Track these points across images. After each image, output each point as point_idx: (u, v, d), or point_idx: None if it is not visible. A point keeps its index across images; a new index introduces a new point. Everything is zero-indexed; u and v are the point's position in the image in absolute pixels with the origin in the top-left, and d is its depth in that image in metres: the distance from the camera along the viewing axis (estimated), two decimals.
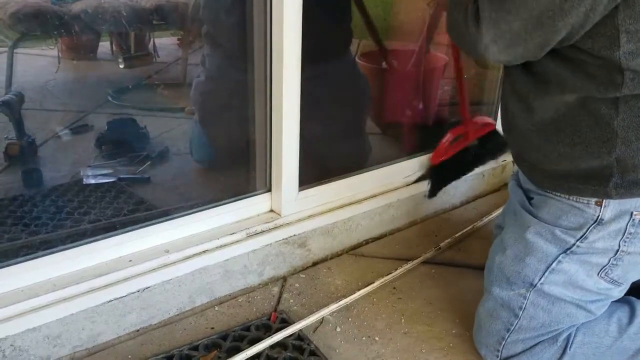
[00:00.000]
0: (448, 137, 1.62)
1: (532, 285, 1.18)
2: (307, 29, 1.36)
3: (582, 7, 0.91)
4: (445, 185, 1.81)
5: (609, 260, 1.13)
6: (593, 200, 1.09)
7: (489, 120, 1.74)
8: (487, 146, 1.74)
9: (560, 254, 1.15)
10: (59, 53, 2.02)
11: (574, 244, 1.13)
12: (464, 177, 1.93)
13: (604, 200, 1.08)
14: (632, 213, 1.08)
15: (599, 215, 1.09)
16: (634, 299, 1.24)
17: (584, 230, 1.12)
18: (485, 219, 1.86)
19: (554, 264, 1.15)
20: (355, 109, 1.96)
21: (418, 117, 2.13)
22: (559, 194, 1.15)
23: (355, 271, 1.60)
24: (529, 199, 1.24)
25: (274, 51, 1.38)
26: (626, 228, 1.09)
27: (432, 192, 1.77)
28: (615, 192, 1.06)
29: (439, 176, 1.74)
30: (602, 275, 1.14)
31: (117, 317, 1.28)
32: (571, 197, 1.13)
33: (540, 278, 1.17)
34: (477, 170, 1.88)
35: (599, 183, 1.07)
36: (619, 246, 1.11)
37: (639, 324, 1.19)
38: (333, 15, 1.78)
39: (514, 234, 1.23)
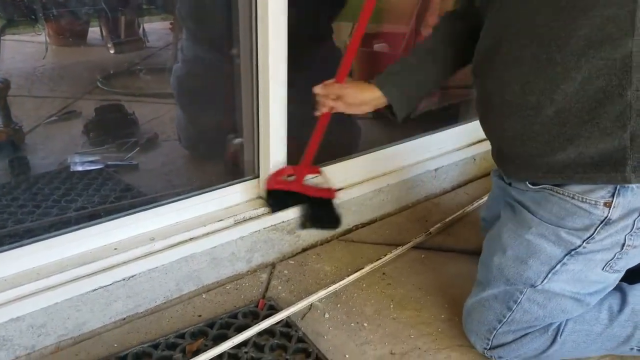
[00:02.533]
0: (281, 171, 1.49)
1: (534, 287, 1.14)
2: (293, 14, 1.34)
3: None
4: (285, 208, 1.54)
5: (614, 255, 1.09)
6: (601, 201, 1.04)
7: (331, 188, 1.55)
8: (318, 211, 1.54)
9: (565, 256, 1.11)
10: (46, 39, 2.00)
11: (580, 245, 1.09)
12: (454, 162, 1.92)
13: (614, 202, 1.03)
14: None
15: (607, 216, 1.04)
16: (625, 285, 1.23)
17: (592, 232, 1.07)
18: (476, 204, 1.85)
19: (558, 266, 1.11)
20: None
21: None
22: (560, 191, 1.08)
23: (344, 257, 1.59)
24: (524, 193, 1.17)
25: (260, 36, 1.36)
26: (634, 224, 1.05)
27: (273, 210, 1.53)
28: (635, 176, 0.99)
29: (278, 199, 1.51)
30: (607, 269, 1.12)
31: (103, 305, 1.28)
32: (576, 197, 1.06)
33: (543, 280, 1.13)
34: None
35: (614, 168, 1.00)
36: (625, 240, 1.07)
37: (629, 311, 1.18)
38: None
39: (514, 234, 1.17)
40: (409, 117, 1.35)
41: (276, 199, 1.49)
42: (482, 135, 1.64)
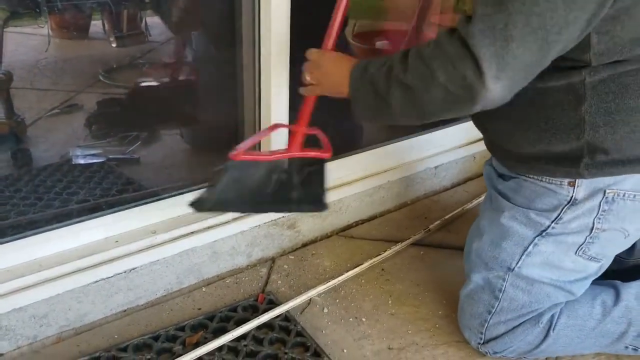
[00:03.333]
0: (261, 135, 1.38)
1: (510, 269, 1.18)
2: (296, 11, 1.34)
3: (585, 14, 0.88)
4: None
5: (585, 239, 1.13)
6: (566, 181, 1.09)
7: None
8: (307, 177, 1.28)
9: (536, 237, 1.15)
10: (49, 31, 2.00)
11: (549, 226, 1.13)
12: (454, 160, 1.92)
13: (577, 181, 1.08)
14: (605, 191, 1.08)
15: (572, 196, 1.10)
16: (619, 282, 1.24)
17: (559, 212, 1.12)
18: (475, 201, 1.86)
19: (530, 247, 1.16)
20: None
21: None
22: (532, 177, 1.14)
23: (344, 253, 1.60)
24: (504, 183, 1.23)
25: (262, 32, 1.37)
26: (600, 206, 1.09)
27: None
28: (588, 172, 1.06)
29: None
30: (580, 253, 1.15)
31: (104, 297, 1.29)
32: (544, 179, 1.12)
33: (518, 262, 1.17)
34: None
35: (570, 164, 1.07)
36: (594, 224, 1.11)
37: (623, 307, 1.19)
38: None
39: (489, 219, 1.23)
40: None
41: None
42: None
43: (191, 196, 1.41)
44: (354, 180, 1.69)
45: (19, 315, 1.18)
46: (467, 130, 1.98)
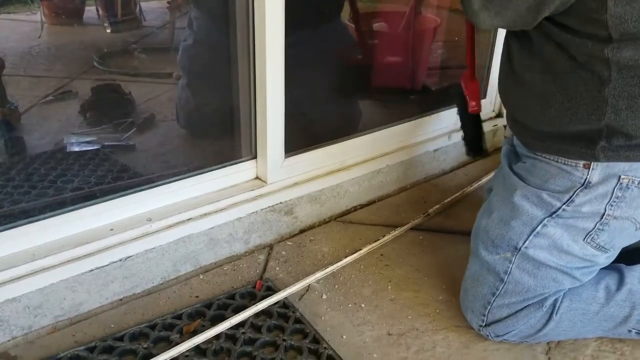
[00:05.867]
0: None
1: (517, 249, 1.17)
2: None
3: None
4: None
5: (595, 225, 1.11)
6: (581, 162, 1.08)
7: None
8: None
9: (545, 218, 1.14)
10: (42, 18, 1.97)
11: (559, 208, 1.12)
12: (454, 143, 1.91)
13: (592, 163, 1.07)
14: (619, 177, 1.06)
15: (586, 179, 1.08)
16: (623, 266, 1.23)
17: (571, 194, 1.10)
18: (475, 185, 1.84)
19: (538, 228, 1.14)
20: (344, 74, 1.92)
21: (408, 80, 2.09)
22: (547, 156, 1.14)
23: (342, 238, 1.59)
24: (520, 163, 1.23)
25: (256, 12, 1.34)
26: (613, 192, 1.08)
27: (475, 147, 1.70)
28: (603, 155, 1.05)
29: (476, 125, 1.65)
30: (588, 240, 1.13)
31: (99, 286, 1.27)
32: (559, 160, 1.11)
33: (525, 241, 1.16)
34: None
35: (586, 145, 1.06)
36: (605, 210, 1.09)
37: (627, 291, 1.18)
38: None
39: (501, 197, 1.22)
40: None
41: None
42: (482, 116, 1.62)
43: (186, 183, 1.41)
44: (352, 165, 1.67)
45: (12, 306, 1.17)
46: None
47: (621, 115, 1.01)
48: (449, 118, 1.89)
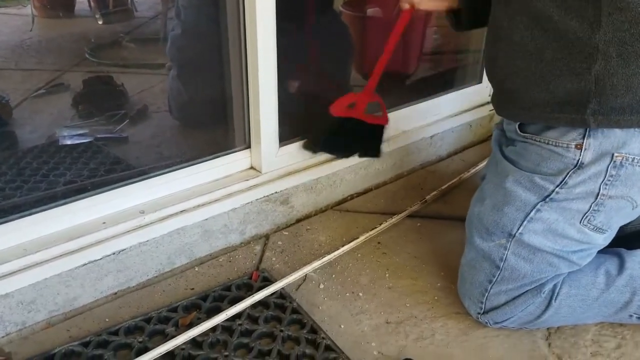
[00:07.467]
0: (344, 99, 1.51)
1: (511, 235, 1.15)
2: None
3: None
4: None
5: (590, 206, 1.09)
6: (573, 144, 1.06)
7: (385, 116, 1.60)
8: (369, 139, 1.59)
9: (539, 202, 1.12)
10: (32, 11, 1.95)
11: (553, 191, 1.10)
12: (450, 129, 1.89)
13: (584, 143, 1.05)
14: (613, 155, 1.04)
15: (579, 159, 1.06)
16: (623, 250, 1.22)
17: (564, 176, 1.08)
18: (472, 170, 1.82)
19: (532, 213, 1.13)
20: (339, 62, 1.90)
21: (401, 66, 2.07)
22: (538, 139, 1.11)
23: (339, 227, 1.57)
24: (511, 147, 1.20)
25: (247, 2, 1.32)
26: (607, 170, 1.05)
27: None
28: (594, 120, 1.02)
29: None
30: (585, 222, 1.11)
31: (93, 280, 1.26)
32: (551, 142, 1.09)
33: (519, 227, 1.14)
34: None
35: (575, 110, 1.03)
36: (600, 190, 1.07)
37: (627, 276, 1.16)
38: None
39: (493, 183, 1.21)
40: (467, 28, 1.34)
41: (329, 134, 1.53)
42: (478, 101, 1.60)
43: (180, 174, 1.39)
44: None
45: (5, 302, 1.15)
46: (462, 99, 1.94)
47: (611, 62, 0.98)
48: (445, 104, 1.87)
